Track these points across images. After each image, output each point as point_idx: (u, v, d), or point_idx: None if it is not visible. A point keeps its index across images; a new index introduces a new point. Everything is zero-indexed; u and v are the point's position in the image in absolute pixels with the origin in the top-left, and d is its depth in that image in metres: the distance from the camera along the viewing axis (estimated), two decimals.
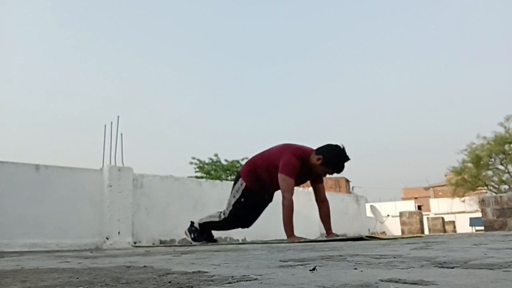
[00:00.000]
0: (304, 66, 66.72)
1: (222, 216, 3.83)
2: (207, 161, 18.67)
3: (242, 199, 3.71)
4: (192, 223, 4.06)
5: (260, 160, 3.67)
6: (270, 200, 3.91)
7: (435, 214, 21.80)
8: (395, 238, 3.41)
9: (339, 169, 3.49)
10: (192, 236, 3.99)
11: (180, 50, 66.49)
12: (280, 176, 3.44)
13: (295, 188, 3.59)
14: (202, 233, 3.99)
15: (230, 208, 3.77)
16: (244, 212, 3.79)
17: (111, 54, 62.00)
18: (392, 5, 66.82)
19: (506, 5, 51.60)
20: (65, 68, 58.98)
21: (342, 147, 3.46)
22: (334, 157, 3.47)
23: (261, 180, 3.67)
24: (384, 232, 14.75)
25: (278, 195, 3.91)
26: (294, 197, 3.45)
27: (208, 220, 3.94)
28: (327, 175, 3.61)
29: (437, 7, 64.63)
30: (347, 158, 3.47)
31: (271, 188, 3.72)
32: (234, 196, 3.75)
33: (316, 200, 3.69)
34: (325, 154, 3.46)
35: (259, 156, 3.72)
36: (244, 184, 3.69)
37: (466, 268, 0.92)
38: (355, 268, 1.00)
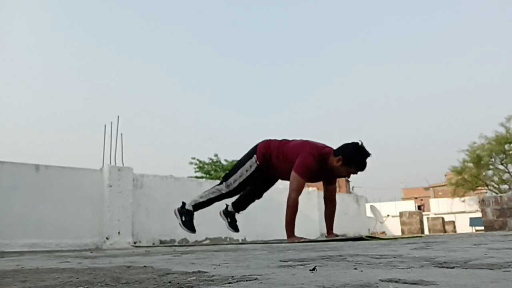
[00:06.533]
0: (304, 67, 66.81)
1: (225, 189, 3.70)
2: (207, 161, 18.68)
3: (255, 175, 3.64)
4: (183, 204, 3.87)
5: (277, 148, 3.56)
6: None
7: (435, 214, 21.78)
8: (395, 238, 3.41)
9: (362, 166, 3.36)
10: (183, 219, 3.79)
11: (181, 51, 66.62)
12: (293, 174, 3.36)
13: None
14: (192, 217, 3.82)
15: (241, 180, 3.65)
16: (253, 183, 3.73)
17: (111, 54, 62.07)
18: (393, 6, 66.85)
19: (509, 4, 51.55)
20: (65, 67, 59.05)
21: (360, 143, 3.33)
22: (354, 155, 3.32)
23: (270, 165, 3.60)
24: (384, 232, 14.76)
25: (279, 195, 3.90)
26: None
27: (205, 198, 3.78)
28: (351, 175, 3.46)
29: (438, 7, 64.66)
30: (367, 154, 3.34)
31: (278, 176, 3.65)
32: (247, 171, 3.64)
33: (325, 199, 3.67)
34: (344, 153, 3.32)
35: (278, 144, 3.61)
36: (257, 162, 3.61)
37: (466, 268, 0.92)
38: (355, 268, 1.00)
